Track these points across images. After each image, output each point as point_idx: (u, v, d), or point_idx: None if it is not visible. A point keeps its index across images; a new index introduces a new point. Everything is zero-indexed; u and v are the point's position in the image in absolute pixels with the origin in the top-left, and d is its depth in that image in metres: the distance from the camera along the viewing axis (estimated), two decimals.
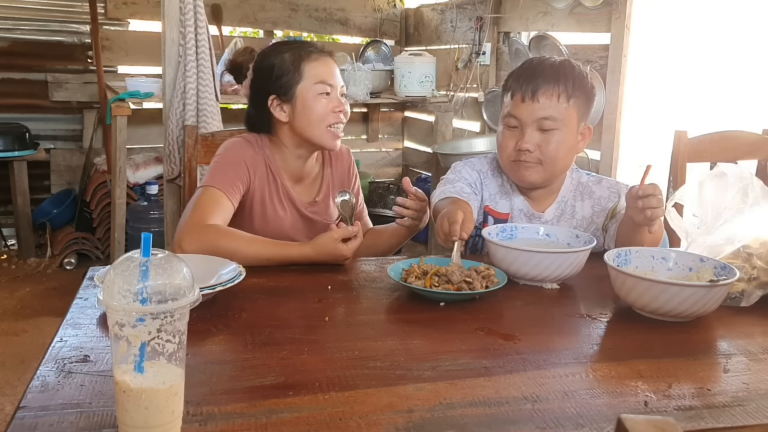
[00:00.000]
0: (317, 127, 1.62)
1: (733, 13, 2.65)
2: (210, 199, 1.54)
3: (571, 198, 1.66)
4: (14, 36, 3.94)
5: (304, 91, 1.62)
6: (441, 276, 1.26)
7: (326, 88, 1.62)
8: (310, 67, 1.62)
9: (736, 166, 1.55)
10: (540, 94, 1.51)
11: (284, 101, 1.64)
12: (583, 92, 1.55)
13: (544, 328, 1.18)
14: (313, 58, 1.63)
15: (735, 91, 2.66)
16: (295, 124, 1.64)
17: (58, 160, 4.14)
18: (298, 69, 1.62)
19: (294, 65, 1.62)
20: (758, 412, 0.89)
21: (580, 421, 0.85)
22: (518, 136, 1.55)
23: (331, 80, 1.63)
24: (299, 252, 1.46)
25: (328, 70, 1.64)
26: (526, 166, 1.56)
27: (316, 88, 1.61)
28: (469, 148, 3.67)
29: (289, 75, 1.62)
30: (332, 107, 1.63)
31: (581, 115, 1.56)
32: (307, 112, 1.62)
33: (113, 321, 0.73)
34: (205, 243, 1.41)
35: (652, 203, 1.34)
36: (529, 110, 1.52)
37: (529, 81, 1.53)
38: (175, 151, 2.64)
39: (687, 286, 1.14)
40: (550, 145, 1.53)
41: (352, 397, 0.89)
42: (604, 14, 3.04)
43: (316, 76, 1.62)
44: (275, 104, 1.64)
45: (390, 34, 4.79)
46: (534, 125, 1.53)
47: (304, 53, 1.64)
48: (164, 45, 2.55)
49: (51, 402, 0.84)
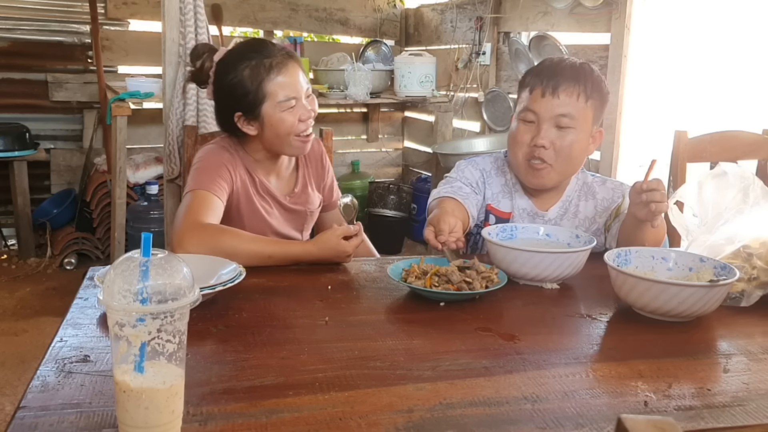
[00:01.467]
0: (285, 139, 1.63)
1: (733, 13, 2.65)
2: (201, 200, 1.53)
3: (576, 198, 1.66)
4: (14, 36, 3.94)
5: (269, 110, 1.60)
6: (441, 276, 1.26)
7: (290, 102, 1.60)
8: (271, 84, 1.59)
9: (736, 165, 1.54)
10: (561, 91, 1.52)
11: (251, 119, 1.63)
12: (599, 95, 1.57)
13: (544, 328, 1.18)
14: (273, 73, 1.59)
15: (735, 91, 2.66)
16: (264, 138, 1.65)
17: (58, 160, 4.14)
18: (260, 88, 1.59)
19: (254, 84, 1.59)
20: (758, 412, 0.89)
21: (580, 421, 0.85)
22: (534, 132, 1.55)
23: (294, 92, 1.61)
24: (302, 249, 1.46)
25: (290, 82, 1.61)
26: (539, 171, 1.57)
27: (280, 106, 1.60)
28: (469, 148, 3.67)
29: (251, 95, 1.60)
30: (298, 117, 1.61)
31: (596, 117, 1.58)
32: (275, 129, 1.62)
33: (113, 321, 0.73)
34: (207, 241, 1.41)
35: (655, 197, 1.35)
36: (549, 105, 1.53)
37: (551, 77, 1.54)
38: (175, 151, 2.63)
39: (687, 286, 1.14)
40: (565, 143, 1.54)
41: (352, 397, 0.89)
42: (604, 14, 3.04)
43: (279, 93, 1.59)
44: (242, 121, 1.64)
45: (390, 34, 4.79)
46: (551, 121, 1.54)
47: (263, 69, 1.59)
48: (164, 45, 2.55)
49: (51, 402, 0.84)
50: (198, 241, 1.41)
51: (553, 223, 1.63)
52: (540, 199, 1.66)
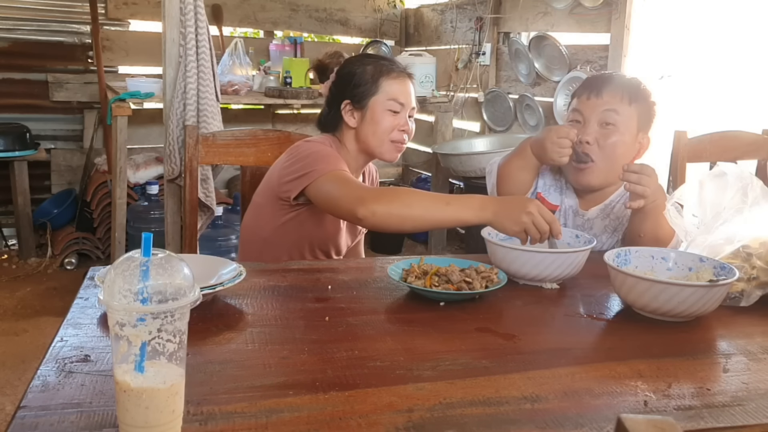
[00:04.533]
0: (379, 139, 1.69)
1: (732, 13, 2.65)
2: (346, 176, 1.54)
3: (618, 204, 1.70)
4: (15, 36, 3.95)
5: (376, 104, 1.68)
6: (441, 276, 1.27)
7: (397, 107, 1.69)
8: (387, 83, 1.69)
9: (736, 165, 1.55)
10: (605, 92, 1.62)
11: (356, 108, 1.70)
12: (645, 102, 1.64)
13: (544, 328, 1.18)
14: (393, 76, 1.70)
15: (735, 91, 2.67)
16: (361, 132, 1.71)
17: (58, 160, 4.14)
18: (376, 82, 1.69)
19: (373, 78, 1.69)
20: (758, 411, 0.89)
21: (580, 421, 0.85)
22: (580, 130, 1.62)
23: (403, 100, 1.69)
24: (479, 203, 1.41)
25: (404, 90, 1.70)
26: (584, 171, 1.63)
27: (387, 104, 1.68)
28: (469, 148, 3.68)
29: (367, 86, 1.69)
30: (398, 125, 1.69)
31: (642, 123, 1.64)
32: (374, 124, 1.69)
33: (114, 321, 0.73)
34: (395, 202, 1.43)
35: (630, 178, 1.43)
36: (593, 105, 1.62)
37: (598, 83, 1.64)
38: (175, 151, 2.64)
39: (687, 286, 1.14)
40: (609, 141, 1.60)
41: (352, 397, 0.89)
42: (604, 14, 3.04)
43: (390, 93, 1.68)
44: (347, 109, 1.71)
45: (390, 34, 4.79)
46: (596, 119, 1.61)
47: (385, 69, 1.70)
48: (164, 45, 2.55)
49: (51, 402, 0.84)
50: (387, 203, 1.42)
51: (590, 223, 1.69)
52: (585, 199, 1.72)
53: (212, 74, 2.63)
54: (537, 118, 3.57)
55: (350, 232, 1.82)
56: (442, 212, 1.43)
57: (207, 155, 1.88)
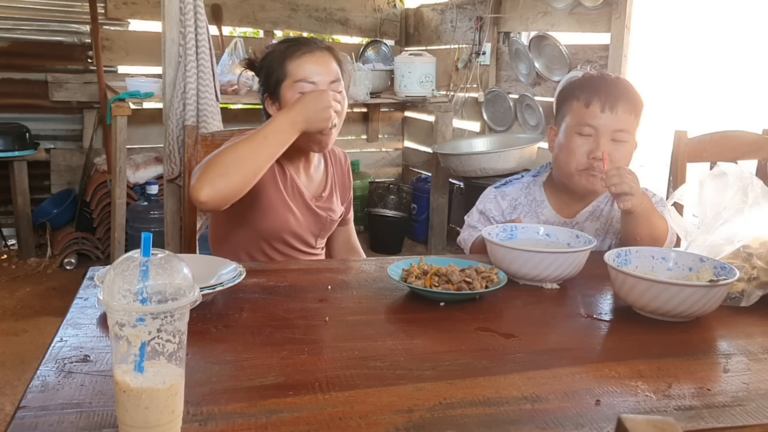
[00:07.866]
0: None
1: (733, 13, 2.65)
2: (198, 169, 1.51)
3: (605, 204, 1.70)
4: (14, 36, 3.94)
5: (286, 90, 1.58)
6: (441, 276, 1.26)
7: (307, 87, 1.56)
8: (293, 65, 1.57)
9: (736, 165, 1.55)
10: (619, 108, 1.59)
11: (273, 100, 1.62)
12: (642, 107, 1.65)
13: (544, 328, 1.18)
14: (298, 55, 1.58)
15: (735, 91, 2.67)
16: None
17: (58, 160, 4.14)
18: (282, 67, 1.58)
19: (279, 63, 1.59)
20: (758, 412, 0.89)
21: (580, 421, 0.85)
22: (591, 145, 1.60)
23: (314, 77, 1.57)
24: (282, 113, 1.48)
25: (314, 68, 1.57)
26: (595, 178, 1.61)
27: (296, 87, 1.57)
28: (469, 148, 3.68)
29: (275, 74, 1.59)
30: None
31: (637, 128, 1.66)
32: None
33: (113, 321, 0.73)
34: (216, 172, 1.41)
35: (612, 180, 1.45)
36: (609, 121, 1.59)
37: (608, 93, 1.60)
38: (175, 151, 2.63)
39: (687, 286, 1.14)
40: (619, 155, 1.60)
41: (352, 397, 0.89)
42: (604, 14, 3.04)
43: (297, 74, 1.57)
44: (268, 103, 1.64)
45: (390, 34, 4.79)
46: (608, 136, 1.60)
47: (290, 51, 1.59)
48: (164, 45, 2.55)
49: (51, 402, 0.84)
50: (207, 183, 1.41)
51: (580, 227, 1.67)
52: (564, 208, 1.71)
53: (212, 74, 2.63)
54: (537, 118, 3.57)
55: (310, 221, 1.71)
56: (266, 147, 1.44)
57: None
